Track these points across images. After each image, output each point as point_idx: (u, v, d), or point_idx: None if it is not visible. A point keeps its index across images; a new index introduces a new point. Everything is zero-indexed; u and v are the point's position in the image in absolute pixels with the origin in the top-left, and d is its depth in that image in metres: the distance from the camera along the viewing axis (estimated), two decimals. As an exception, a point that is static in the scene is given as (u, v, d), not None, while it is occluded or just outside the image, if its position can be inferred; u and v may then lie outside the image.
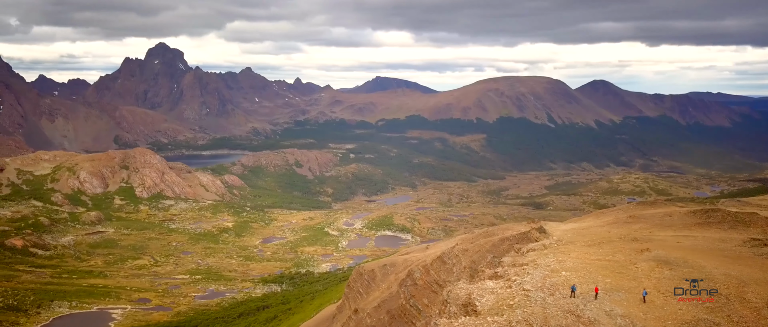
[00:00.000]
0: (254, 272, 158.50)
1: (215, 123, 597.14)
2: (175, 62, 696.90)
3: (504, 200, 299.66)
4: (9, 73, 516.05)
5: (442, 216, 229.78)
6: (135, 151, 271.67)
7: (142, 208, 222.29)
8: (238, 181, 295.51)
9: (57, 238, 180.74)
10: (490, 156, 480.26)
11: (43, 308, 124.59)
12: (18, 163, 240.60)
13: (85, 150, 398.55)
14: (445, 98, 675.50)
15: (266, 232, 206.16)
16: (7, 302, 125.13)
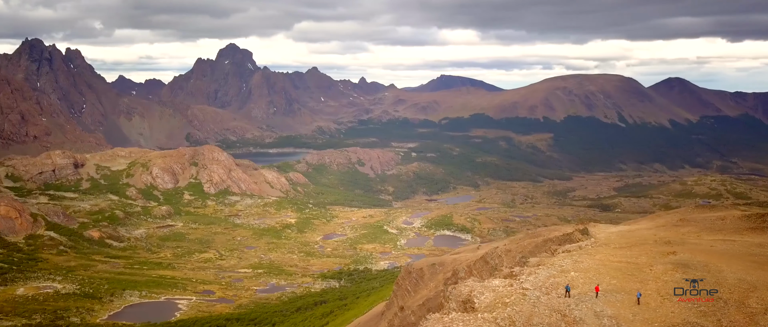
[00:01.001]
0: (314, 268, 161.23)
1: (282, 122, 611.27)
2: (245, 62, 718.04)
3: (570, 201, 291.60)
4: (92, 74, 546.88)
5: (503, 217, 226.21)
6: (204, 148, 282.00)
7: (209, 204, 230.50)
8: (302, 178, 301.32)
9: (130, 231, 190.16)
10: (556, 156, 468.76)
11: (116, 296, 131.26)
12: (97, 159, 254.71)
13: (159, 147, 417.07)
14: (510, 97, 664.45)
15: (327, 228, 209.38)
16: (84, 290, 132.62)
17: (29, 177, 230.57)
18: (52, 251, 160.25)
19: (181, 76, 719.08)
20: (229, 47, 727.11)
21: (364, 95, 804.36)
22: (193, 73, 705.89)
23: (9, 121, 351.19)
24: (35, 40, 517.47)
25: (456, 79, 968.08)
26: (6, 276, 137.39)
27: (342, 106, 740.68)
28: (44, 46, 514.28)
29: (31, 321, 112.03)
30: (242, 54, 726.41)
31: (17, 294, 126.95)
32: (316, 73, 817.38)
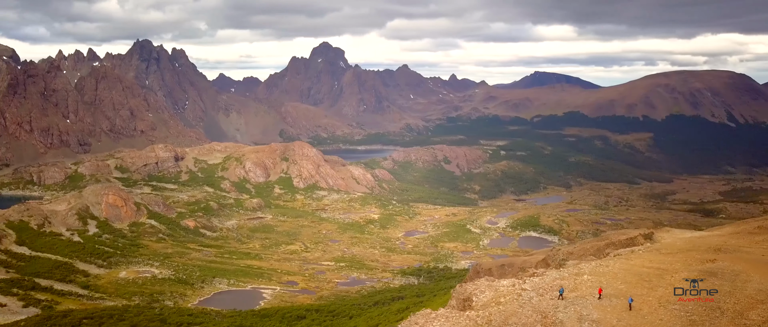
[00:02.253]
0: (394, 264, 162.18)
1: (371, 119, 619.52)
2: (337, 61, 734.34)
3: (668, 205, 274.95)
4: (194, 73, 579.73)
5: (594, 219, 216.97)
6: (294, 144, 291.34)
7: (298, 198, 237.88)
8: (388, 175, 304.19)
9: (223, 222, 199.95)
10: (656, 156, 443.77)
11: (207, 283, 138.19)
12: (195, 152, 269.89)
13: (254, 142, 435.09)
14: (607, 94, 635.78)
15: (409, 225, 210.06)
16: (178, 276, 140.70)
17: (135, 169, 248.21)
18: (152, 238, 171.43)
19: (277, 74, 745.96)
20: (322, 46, 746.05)
21: (454, 92, 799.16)
22: (288, 71, 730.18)
23: (120, 116, 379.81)
24: (145, 41, 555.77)
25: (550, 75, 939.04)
26: (111, 260, 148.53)
27: (431, 103, 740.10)
28: (153, 47, 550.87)
29: (130, 302, 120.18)
30: (335, 52, 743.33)
31: (120, 276, 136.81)
32: (407, 70, 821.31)
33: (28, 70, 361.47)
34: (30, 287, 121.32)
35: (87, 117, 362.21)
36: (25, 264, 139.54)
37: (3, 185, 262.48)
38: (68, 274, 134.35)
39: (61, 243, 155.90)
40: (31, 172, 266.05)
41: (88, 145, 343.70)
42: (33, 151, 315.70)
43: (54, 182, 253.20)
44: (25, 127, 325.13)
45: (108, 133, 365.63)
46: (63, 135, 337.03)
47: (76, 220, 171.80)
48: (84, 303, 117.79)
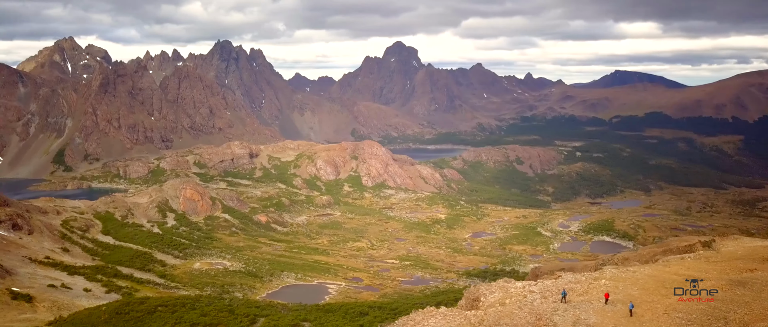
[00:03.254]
0: (460, 264, 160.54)
1: (442, 118, 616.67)
2: (410, 60, 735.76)
3: (758, 213, 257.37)
4: (271, 72, 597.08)
5: (673, 225, 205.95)
6: (364, 143, 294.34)
7: (366, 196, 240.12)
8: (457, 175, 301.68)
9: (293, 217, 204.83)
10: (746, 160, 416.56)
11: (275, 277, 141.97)
12: (269, 150, 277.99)
13: (327, 140, 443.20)
14: (693, 94, 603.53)
15: (477, 226, 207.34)
16: (248, 269, 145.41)
17: (212, 164, 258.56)
18: (225, 232, 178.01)
19: (350, 73, 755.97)
20: (396, 45, 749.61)
21: (529, 91, 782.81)
22: (361, 71, 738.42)
23: (200, 114, 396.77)
24: (225, 41, 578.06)
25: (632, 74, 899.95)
26: (186, 251, 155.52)
27: (504, 102, 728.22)
28: (232, 47, 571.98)
29: (203, 292, 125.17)
30: (408, 52, 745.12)
31: (194, 267, 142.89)
32: (480, 69, 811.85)
33: (118, 70, 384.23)
34: (113, 274, 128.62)
35: (170, 114, 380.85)
36: (109, 252, 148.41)
37: (93, 178, 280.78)
38: (147, 263, 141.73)
39: (142, 234, 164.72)
40: (117, 167, 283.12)
41: (170, 141, 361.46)
42: (120, 147, 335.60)
43: (138, 176, 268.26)
44: (114, 124, 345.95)
45: (188, 130, 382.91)
46: (148, 131, 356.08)
47: (156, 213, 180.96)
48: (160, 291, 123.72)
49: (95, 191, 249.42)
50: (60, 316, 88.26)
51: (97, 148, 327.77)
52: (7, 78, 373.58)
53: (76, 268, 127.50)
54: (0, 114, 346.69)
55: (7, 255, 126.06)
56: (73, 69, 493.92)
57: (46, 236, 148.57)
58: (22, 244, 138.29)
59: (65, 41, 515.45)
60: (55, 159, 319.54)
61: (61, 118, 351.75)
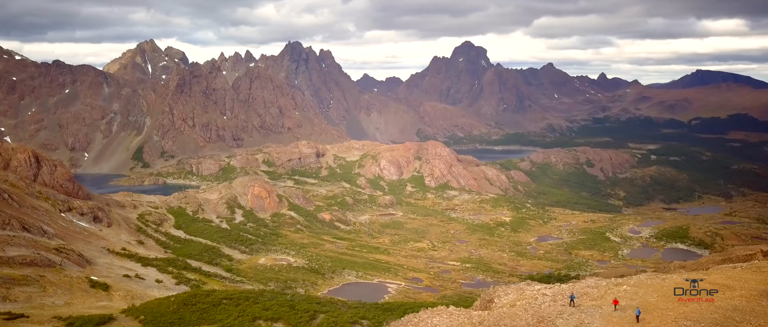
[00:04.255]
0: (523, 269, 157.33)
1: (511, 119, 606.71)
2: (478, 60, 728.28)
3: None
4: (339, 73, 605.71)
5: (754, 233, 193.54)
6: (428, 143, 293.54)
7: (428, 196, 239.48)
8: (524, 177, 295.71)
9: (356, 216, 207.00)
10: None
11: (337, 274, 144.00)
12: (335, 150, 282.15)
13: (392, 141, 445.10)
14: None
15: (542, 230, 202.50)
16: (311, 265, 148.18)
17: (280, 163, 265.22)
18: (290, 229, 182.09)
19: (417, 73, 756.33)
20: (464, 45, 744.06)
21: (603, 92, 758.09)
22: (429, 71, 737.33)
23: (270, 114, 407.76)
24: (296, 42, 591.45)
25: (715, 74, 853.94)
26: (252, 246, 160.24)
27: (576, 103, 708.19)
28: (302, 48, 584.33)
29: (266, 287, 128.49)
30: (476, 51, 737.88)
31: (259, 263, 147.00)
32: (551, 69, 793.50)
33: (194, 71, 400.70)
34: (183, 267, 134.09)
35: (241, 114, 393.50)
36: (180, 246, 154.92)
37: (168, 174, 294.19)
38: (215, 257, 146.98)
39: (211, 229, 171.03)
40: (191, 164, 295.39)
41: (241, 140, 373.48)
42: (194, 145, 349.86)
43: (209, 173, 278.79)
44: (188, 123, 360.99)
45: (259, 130, 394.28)
46: (220, 130, 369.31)
47: (225, 209, 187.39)
48: (226, 285, 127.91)
49: (170, 187, 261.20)
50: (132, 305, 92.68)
51: (173, 146, 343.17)
52: (93, 79, 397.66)
53: (149, 260, 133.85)
54: (86, 113, 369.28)
55: (87, 246, 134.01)
56: (152, 70, 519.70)
57: (124, 229, 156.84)
58: (102, 235, 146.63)
59: (146, 44, 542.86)
60: (134, 156, 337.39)
61: (141, 117, 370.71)
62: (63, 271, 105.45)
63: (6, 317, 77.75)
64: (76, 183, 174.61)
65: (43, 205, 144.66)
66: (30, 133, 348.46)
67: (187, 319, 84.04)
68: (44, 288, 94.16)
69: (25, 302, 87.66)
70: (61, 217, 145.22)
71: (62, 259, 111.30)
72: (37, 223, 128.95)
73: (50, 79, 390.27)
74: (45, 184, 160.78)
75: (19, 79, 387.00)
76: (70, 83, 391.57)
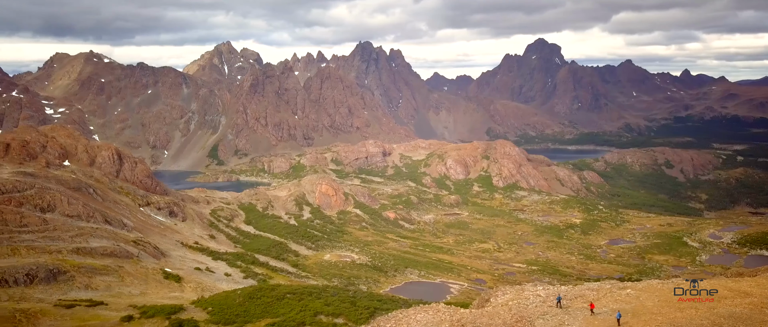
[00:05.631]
0: (592, 272, 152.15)
1: (585, 117, 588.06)
2: (552, 57, 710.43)
3: None
4: (409, 72, 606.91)
5: None
6: (496, 142, 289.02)
7: (496, 197, 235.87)
8: (597, 178, 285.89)
9: (421, 215, 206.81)
10: None
11: (399, 272, 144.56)
12: (402, 149, 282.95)
13: (461, 140, 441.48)
14: None
15: (615, 233, 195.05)
16: (374, 263, 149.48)
17: (348, 162, 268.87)
18: (355, 226, 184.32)
19: (489, 72, 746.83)
20: (538, 42, 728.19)
21: (685, 90, 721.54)
22: (500, 69, 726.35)
23: (339, 113, 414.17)
24: (366, 42, 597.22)
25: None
26: (318, 243, 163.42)
27: (656, 101, 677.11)
28: (372, 48, 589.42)
29: (330, 283, 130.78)
30: (550, 49, 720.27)
31: (324, 259, 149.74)
32: (630, 66, 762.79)
33: (267, 72, 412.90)
34: (251, 261, 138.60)
35: (312, 113, 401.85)
36: (249, 241, 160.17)
37: (241, 172, 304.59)
38: (282, 252, 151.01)
39: (279, 225, 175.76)
40: (263, 162, 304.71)
41: (311, 139, 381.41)
42: (266, 143, 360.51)
43: (280, 171, 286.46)
44: (261, 122, 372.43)
45: (328, 129, 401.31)
46: (291, 129, 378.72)
47: (293, 206, 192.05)
48: (291, 280, 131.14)
49: (242, 184, 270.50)
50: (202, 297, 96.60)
51: (246, 144, 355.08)
52: (173, 80, 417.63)
53: (219, 254, 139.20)
54: (166, 112, 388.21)
55: (163, 239, 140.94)
56: (229, 71, 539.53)
57: (197, 223, 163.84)
58: (176, 229, 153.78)
59: (223, 45, 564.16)
60: (210, 153, 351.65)
61: (217, 116, 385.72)
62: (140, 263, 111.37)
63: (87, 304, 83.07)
64: (155, 179, 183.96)
65: (123, 200, 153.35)
66: (116, 131, 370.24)
67: (252, 312, 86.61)
68: (122, 278, 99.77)
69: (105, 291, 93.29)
70: (140, 211, 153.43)
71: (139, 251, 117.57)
72: (118, 216, 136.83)
73: (135, 80, 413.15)
74: (126, 179, 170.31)
75: (107, 81, 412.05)
76: (152, 84, 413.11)
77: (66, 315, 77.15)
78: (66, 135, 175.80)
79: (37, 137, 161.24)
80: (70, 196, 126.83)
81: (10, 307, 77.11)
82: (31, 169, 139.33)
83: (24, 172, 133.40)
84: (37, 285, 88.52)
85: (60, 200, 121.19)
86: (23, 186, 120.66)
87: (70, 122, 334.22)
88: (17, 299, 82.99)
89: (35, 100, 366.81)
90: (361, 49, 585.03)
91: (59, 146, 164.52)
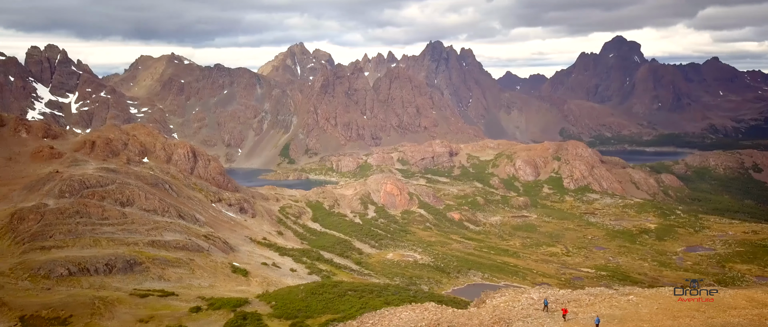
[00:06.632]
0: (665, 280, 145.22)
1: (666, 118, 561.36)
2: (631, 55, 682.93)
3: None
4: (479, 71, 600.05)
5: None
6: (568, 143, 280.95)
7: (566, 199, 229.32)
8: (676, 181, 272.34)
9: (487, 217, 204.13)
10: None
11: (462, 274, 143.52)
12: (469, 149, 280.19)
13: (533, 140, 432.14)
14: None
15: (693, 239, 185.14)
16: (437, 263, 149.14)
17: (414, 161, 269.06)
18: (419, 226, 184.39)
19: (563, 71, 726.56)
20: (615, 40, 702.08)
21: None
22: (575, 68, 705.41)
23: (407, 113, 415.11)
24: (437, 42, 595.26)
25: None
26: (382, 242, 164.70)
27: (745, 101, 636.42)
28: (443, 47, 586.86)
29: (392, 281, 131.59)
30: (629, 46, 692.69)
31: (387, 258, 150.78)
32: (716, 63, 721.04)
33: (337, 72, 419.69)
34: (316, 258, 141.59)
35: (380, 113, 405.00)
36: (315, 238, 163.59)
37: (311, 170, 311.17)
38: (346, 250, 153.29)
39: (344, 223, 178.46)
40: (332, 161, 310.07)
41: (379, 138, 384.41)
42: (335, 143, 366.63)
43: (348, 170, 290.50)
44: (331, 122, 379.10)
45: (396, 129, 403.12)
46: (360, 129, 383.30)
47: (358, 204, 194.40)
48: (354, 277, 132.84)
49: (311, 182, 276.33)
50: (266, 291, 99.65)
51: (316, 144, 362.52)
52: (248, 81, 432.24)
53: (286, 250, 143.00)
54: (241, 112, 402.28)
55: (233, 234, 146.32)
56: (301, 72, 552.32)
57: (266, 220, 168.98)
58: (246, 225, 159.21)
59: (296, 47, 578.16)
60: (281, 152, 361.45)
61: (288, 116, 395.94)
62: (210, 256, 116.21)
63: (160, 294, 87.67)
64: (227, 176, 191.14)
65: (197, 196, 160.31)
66: (194, 130, 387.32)
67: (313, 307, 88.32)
68: (193, 270, 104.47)
69: (176, 282, 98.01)
70: (212, 207, 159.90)
71: (210, 245, 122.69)
72: (191, 211, 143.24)
73: (212, 81, 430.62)
74: (200, 176, 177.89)
75: (186, 81, 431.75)
76: (228, 85, 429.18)
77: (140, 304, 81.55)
78: (145, 133, 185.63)
79: (120, 135, 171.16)
80: (148, 192, 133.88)
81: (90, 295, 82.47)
82: (114, 165, 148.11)
83: (107, 167, 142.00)
84: (115, 274, 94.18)
85: (138, 195, 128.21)
86: (105, 181, 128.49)
87: (151, 121, 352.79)
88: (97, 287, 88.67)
89: (121, 100, 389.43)
90: (432, 48, 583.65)
91: (139, 144, 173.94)
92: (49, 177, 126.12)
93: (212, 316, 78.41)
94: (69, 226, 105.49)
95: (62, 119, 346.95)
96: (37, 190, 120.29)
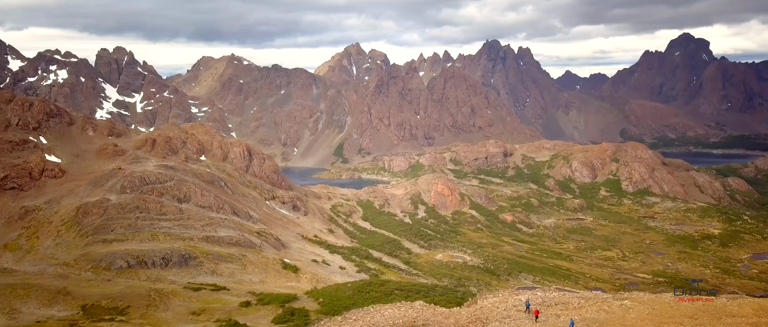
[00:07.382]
0: (729, 288, 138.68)
1: (735, 119, 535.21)
2: (698, 53, 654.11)
3: None
4: (537, 71, 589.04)
5: None
6: (627, 144, 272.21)
7: (624, 202, 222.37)
8: (744, 185, 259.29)
9: (541, 219, 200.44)
10: None
11: (512, 276, 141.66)
12: (524, 149, 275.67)
13: (592, 141, 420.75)
14: None
15: (760, 247, 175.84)
16: (486, 265, 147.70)
17: (467, 162, 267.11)
18: (470, 227, 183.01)
19: (625, 69, 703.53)
20: (682, 37, 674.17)
21: None
22: (638, 67, 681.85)
23: (461, 113, 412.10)
24: (494, 41, 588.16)
25: None
26: (431, 242, 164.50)
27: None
28: (500, 46, 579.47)
29: (440, 282, 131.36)
30: (696, 44, 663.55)
31: (436, 258, 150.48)
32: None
33: (392, 72, 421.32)
34: (365, 256, 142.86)
35: (434, 113, 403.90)
36: (365, 237, 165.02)
37: (363, 169, 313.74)
38: (395, 249, 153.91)
39: (394, 222, 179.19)
40: (384, 160, 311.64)
41: (432, 138, 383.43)
42: (388, 143, 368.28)
43: (399, 170, 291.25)
44: (384, 122, 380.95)
45: (449, 128, 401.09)
46: (413, 129, 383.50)
47: (409, 204, 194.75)
48: (402, 276, 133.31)
49: (364, 181, 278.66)
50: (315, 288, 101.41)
51: (369, 143, 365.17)
52: (304, 81, 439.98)
53: (336, 248, 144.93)
54: (297, 112, 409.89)
55: (285, 231, 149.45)
56: (356, 72, 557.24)
57: (317, 218, 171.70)
58: (298, 222, 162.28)
59: (352, 47, 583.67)
60: (335, 151, 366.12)
61: (343, 116, 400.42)
62: (261, 253, 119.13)
63: (212, 288, 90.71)
64: (280, 174, 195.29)
65: (251, 193, 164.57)
66: (251, 129, 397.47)
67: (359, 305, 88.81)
68: (244, 266, 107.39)
69: (229, 277, 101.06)
70: (266, 205, 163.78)
71: (262, 241, 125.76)
72: (245, 208, 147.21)
73: (269, 81, 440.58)
74: (254, 174, 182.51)
75: (244, 82, 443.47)
76: (285, 85, 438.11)
77: (193, 297, 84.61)
78: (203, 132, 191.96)
79: (179, 134, 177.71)
80: (204, 189, 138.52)
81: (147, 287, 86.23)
82: (173, 162, 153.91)
83: (166, 165, 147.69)
84: (171, 268, 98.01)
85: (195, 192, 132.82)
86: (164, 178, 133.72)
87: (211, 120, 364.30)
88: (154, 280, 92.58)
89: (183, 99, 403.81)
90: (488, 47, 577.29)
91: (197, 142, 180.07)
92: (112, 173, 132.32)
93: (261, 311, 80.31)
94: (129, 221, 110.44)
95: (128, 118, 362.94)
96: (100, 186, 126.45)
